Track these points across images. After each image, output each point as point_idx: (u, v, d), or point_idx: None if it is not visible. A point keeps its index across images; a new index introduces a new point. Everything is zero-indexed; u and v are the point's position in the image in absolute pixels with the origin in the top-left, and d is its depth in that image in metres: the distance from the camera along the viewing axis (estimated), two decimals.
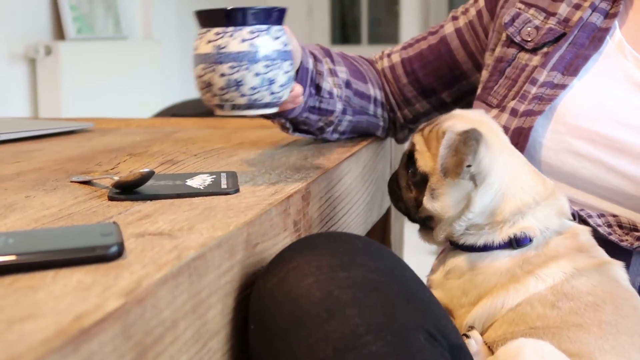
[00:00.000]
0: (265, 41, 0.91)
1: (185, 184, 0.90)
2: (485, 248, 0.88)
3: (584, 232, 0.90)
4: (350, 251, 0.72)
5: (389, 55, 1.32)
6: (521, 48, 1.11)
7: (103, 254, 0.61)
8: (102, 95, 3.63)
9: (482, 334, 0.86)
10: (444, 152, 0.86)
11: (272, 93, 0.92)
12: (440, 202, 0.89)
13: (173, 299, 0.60)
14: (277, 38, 0.92)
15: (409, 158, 0.94)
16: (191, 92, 3.91)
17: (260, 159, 1.09)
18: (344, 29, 6.22)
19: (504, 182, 0.88)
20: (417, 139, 0.93)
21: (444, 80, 1.27)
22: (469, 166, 0.85)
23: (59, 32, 3.55)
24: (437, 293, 0.91)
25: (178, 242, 0.66)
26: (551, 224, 0.88)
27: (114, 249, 0.61)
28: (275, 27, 0.93)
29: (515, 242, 0.87)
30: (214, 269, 0.67)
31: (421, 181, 0.91)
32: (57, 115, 3.33)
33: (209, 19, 0.92)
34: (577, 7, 1.10)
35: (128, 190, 0.86)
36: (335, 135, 1.22)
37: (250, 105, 0.92)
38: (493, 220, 0.88)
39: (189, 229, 0.71)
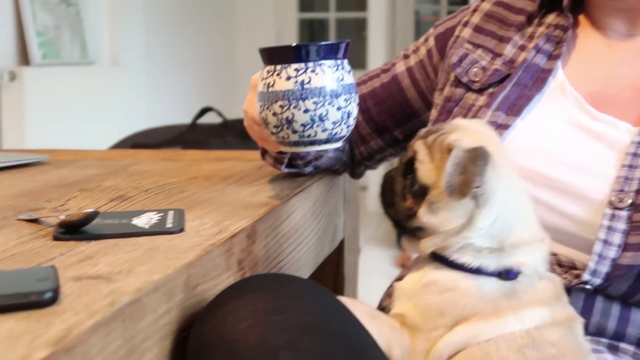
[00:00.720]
0: (343, 74, 0.91)
1: (131, 222, 0.91)
2: (478, 271, 0.86)
3: (560, 282, 0.90)
4: (287, 294, 0.73)
5: None
6: (468, 88, 1.13)
7: (37, 300, 0.62)
8: (68, 122, 3.62)
9: None
10: (450, 169, 0.83)
11: (348, 126, 0.93)
12: (439, 217, 0.87)
13: (105, 346, 0.60)
14: (349, 72, 0.93)
15: (408, 166, 0.91)
16: (158, 119, 3.91)
17: (211, 195, 1.10)
18: None
19: (506, 207, 0.86)
20: (419, 146, 0.90)
21: (396, 118, 1.29)
22: (477, 187, 0.83)
23: (24, 58, 3.54)
24: (406, 305, 0.88)
25: (114, 287, 0.67)
26: (539, 269, 0.88)
27: (48, 295, 0.62)
28: (346, 61, 0.93)
29: (505, 273, 0.85)
30: (150, 312, 0.68)
31: (420, 192, 0.88)
32: (21, 142, 3.32)
33: (281, 55, 0.91)
34: (522, 48, 1.13)
35: (73, 229, 0.86)
36: (310, 169, 1.23)
37: (328, 140, 0.92)
38: (493, 246, 0.86)
39: (128, 271, 0.71)
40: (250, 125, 1.08)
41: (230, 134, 2.29)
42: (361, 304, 0.89)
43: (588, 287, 0.95)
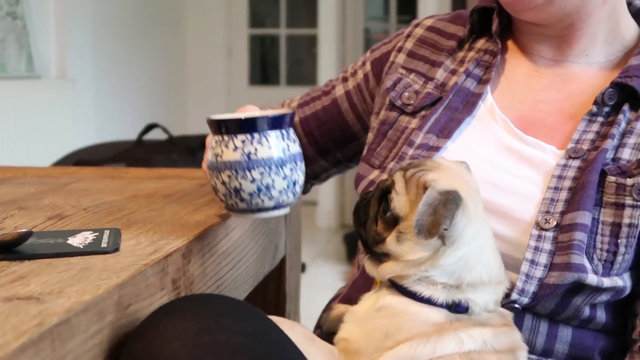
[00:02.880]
0: (288, 145, 0.94)
1: (66, 242, 0.91)
2: (428, 301, 0.89)
3: (511, 316, 0.94)
4: (217, 314, 0.74)
5: None
6: (402, 111, 1.16)
7: None
8: (13, 137, 3.58)
9: None
10: (422, 209, 0.86)
11: (294, 193, 0.96)
12: (405, 247, 0.90)
13: None
14: (295, 141, 0.96)
15: (384, 193, 0.94)
16: (106, 134, 3.88)
17: (149, 214, 1.10)
18: (264, 70, 6.28)
19: (470, 249, 0.89)
20: (398, 177, 0.93)
21: (337, 141, 1.34)
22: (445, 229, 0.86)
23: None
24: (354, 329, 0.91)
25: (43, 308, 0.67)
26: (489, 307, 0.91)
27: None
28: (291, 130, 0.96)
29: (455, 307, 0.89)
30: (80, 333, 0.68)
31: (391, 220, 0.91)
32: None
33: (227, 126, 0.93)
34: (453, 72, 1.16)
35: (6, 249, 0.86)
36: None
37: (275, 207, 0.95)
38: (450, 283, 0.89)
39: (59, 292, 0.72)
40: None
41: (176, 151, 2.30)
42: (301, 327, 0.92)
43: (517, 306, 0.98)
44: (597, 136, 1.04)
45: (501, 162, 1.06)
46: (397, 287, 0.92)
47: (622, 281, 0.99)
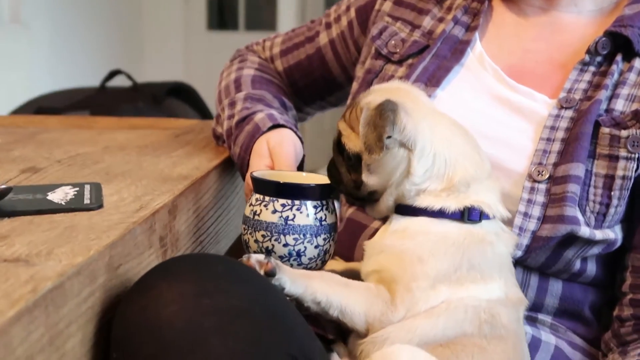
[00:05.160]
0: (326, 214, 0.94)
1: (46, 198, 0.87)
2: (441, 213, 0.88)
3: (515, 241, 0.93)
4: (214, 276, 0.71)
5: (272, 60, 1.33)
6: (388, 60, 1.13)
7: None
8: None
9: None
10: (363, 130, 0.87)
11: (323, 261, 0.96)
12: (379, 174, 0.89)
13: (28, 335, 0.58)
14: (332, 211, 0.96)
15: (339, 145, 0.94)
16: (61, 81, 3.77)
17: (127, 167, 1.06)
18: (222, 15, 6.15)
19: (437, 145, 0.88)
20: (342, 125, 0.93)
21: (322, 91, 1.33)
22: (389, 137, 0.86)
23: None
24: (379, 258, 0.89)
25: (34, 271, 0.64)
26: (500, 212, 0.90)
27: None
28: (330, 201, 0.96)
29: (468, 214, 0.88)
30: (73, 297, 0.65)
31: (356, 162, 0.91)
32: None
33: (270, 188, 0.93)
34: (441, 20, 1.13)
35: None
36: None
37: None
38: (446, 186, 0.88)
39: (48, 253, 0.68)
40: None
41: (142, 99, 2.23)
42: (329, 275, 0.89)
43: None
44: (589, 86, 1.02)
45: (492, 112, 1.03)
46: (405, 209, 0.90)
47: (613, 234, 0.98)
